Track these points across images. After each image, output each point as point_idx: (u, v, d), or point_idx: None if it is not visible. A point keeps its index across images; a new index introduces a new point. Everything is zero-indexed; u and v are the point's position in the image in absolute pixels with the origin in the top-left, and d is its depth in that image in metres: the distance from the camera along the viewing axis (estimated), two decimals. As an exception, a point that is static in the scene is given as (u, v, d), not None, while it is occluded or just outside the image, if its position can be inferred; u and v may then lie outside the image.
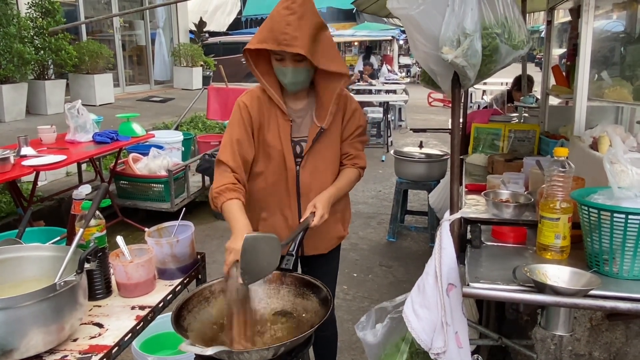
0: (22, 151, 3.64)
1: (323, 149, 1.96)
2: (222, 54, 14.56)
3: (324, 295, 1.64)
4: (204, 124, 7.96)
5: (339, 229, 2.13)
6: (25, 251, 1.55)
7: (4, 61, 6.45)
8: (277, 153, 1.93)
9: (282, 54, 1.79)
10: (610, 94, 2.48)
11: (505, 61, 1.61)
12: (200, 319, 1.60)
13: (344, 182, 2.00)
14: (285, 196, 1.98)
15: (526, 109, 4.12)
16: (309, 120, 1.96)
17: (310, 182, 1.96)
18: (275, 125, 1.92)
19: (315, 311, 1.63)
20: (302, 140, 1.96)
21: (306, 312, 1.66)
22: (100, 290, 1.61)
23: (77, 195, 1.69)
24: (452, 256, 1.77)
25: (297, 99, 1.96)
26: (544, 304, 1.41)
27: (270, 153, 1.94)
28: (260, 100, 1.93)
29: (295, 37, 1.71)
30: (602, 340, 1.88)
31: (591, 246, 1.52)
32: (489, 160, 2.86)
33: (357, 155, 2.06)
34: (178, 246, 1.77)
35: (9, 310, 1.23)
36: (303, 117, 1.96)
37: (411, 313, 1.86)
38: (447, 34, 1.42)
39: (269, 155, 1.94)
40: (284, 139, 1.92)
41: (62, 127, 4.47)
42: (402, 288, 3.53)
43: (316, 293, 1.68)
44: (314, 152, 1.95)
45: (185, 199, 4.99)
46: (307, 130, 1.96)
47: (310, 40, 1.74)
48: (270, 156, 1.94)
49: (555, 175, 1.58)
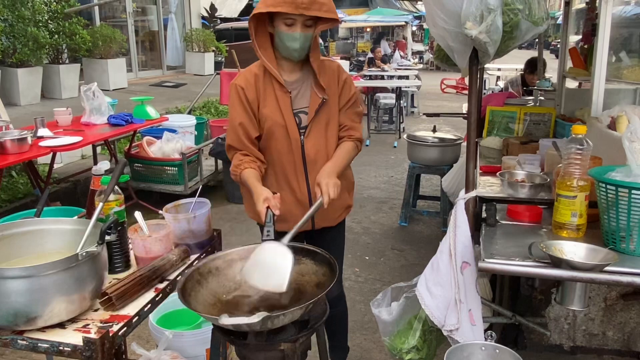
0: (39, 132, 3.69)
1: (324, 118, 1.98)
2: (233, 40, 14.50)
3: (320, 256, 1.62)
4: (216, 109, 7.98)
5: (346, 198, 2.14)
6: (46, 224, 1.58)
7: (20, 45, 6.49)
8: (279, 126, 1.94)
9: (295, 18, 1.79)
10: (629, 74, 2.45)
11: (524, 37, 1.60)
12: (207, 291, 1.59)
13: (343, 156, 2.00)
14: (291, 169, 2.00)
15: (542, 92, 4.07)
16: (306, 91, 1.97)
17: (315, 152, 1.98)
18: (274, 99, 1.94)
19: (314, 272, 1.61)
20: (301, 112, 1.98)
21: (303, 274, 1.63)
22: (120, 263, 1.64)
23: (96, 170, 1.72)
24: (466, 234, 1.78)
25: (293, 71, 1.97)
26: (561, 279, 1.42)
27: (272, 127, 1.95)
28: (256, 77, 1.94)
29: (315, 1, 1.75)
30: (616, 320, 1.88)
31: (608, 224, 1.52)
32: (504, 143, 2.84)
33: (352, 127, 2.05)
34: (195, 222, 1.79)
35: (32, 279, 1.26)
36: (299, 89, 1.98)
37: (425, 291, 1.88)
38: (470, 9, 1.41)
39: (271, 129, 1.96)
40: (286, 111, 1.94)
41: (76, 110, 4.51)
42: (414, 271, 3.54)
43: (308, 256, 1.65)
44: (317, 122, 1.97)
45: (199, 182, 5.02)
46: (305, 101, 1.97)
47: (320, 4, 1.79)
48: (273, 130, 1.96)
49: (573, 153, 1.57)
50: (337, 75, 2.00)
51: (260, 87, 1.94)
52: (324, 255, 1.61)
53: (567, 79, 3.45)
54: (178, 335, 2.20)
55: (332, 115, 2.00)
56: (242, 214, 5.00)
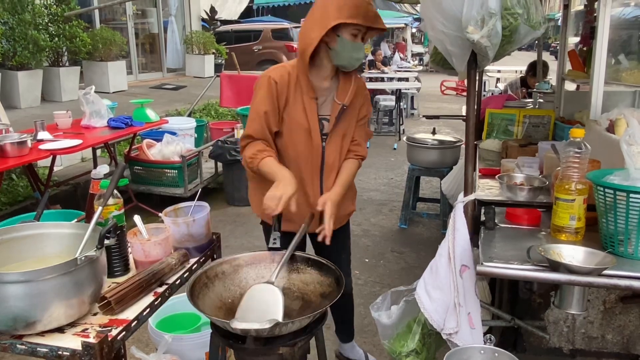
0: (38, 135, 3.69)
1: (343, 127, 2.05)
2: (233, 42, 14.55)
3: (327, 268, 1.63)
4: (216, 111, 7.99)
5: (349, 205, 2.24)
6: (46, 228, 1.58)
7: (20, 48, 6.50)
8: (302, 129, 1.98)
9: (361, 29, 1.88)
10: (628, 77, 2.45)
11: (523, 41, 1.61)
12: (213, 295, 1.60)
13: (349, 180, 2.08)
14: (308, 173, 2.04)
15: (541, 94, 4.08)
16: (329, 99, 2.03)
17: (333, 159, 2.04)
18: (301, 103, 1.97)
19: (319, 282, 1.63)
20: (324, 119, 2.02)
21: (307, 284, 1.65)
22: (119, 267, 1.64)
23: (95, 174, 1.72)
24: (465, 237, 1.78)
25: (324, 78, 2.01)
26: (559, 283, 1.42)
27: (294, 129, 1.98)
28: (290, 76, 1.97)
29: (377, 15, 1.89)
30: (615, 323, 1.88)
31: (606, 227, 1.52)
32: (503, 146, 2.84)
33: (360, 143, 2.14)
34: (194, 226, 1.79)
35: (31, 283, 1.26)
36: (326, 97, 2.03)
37: (424, 294, 1.88)
38: (472, 13, 1.41)
39: (293, 131, 1.99)
40: (311, 117, 1.97)
41: (76, 113, 4.51)
42: (414, 273, 3.54)
43: (312, 265, 1.66)
44: (337, 130, 2.03)
45: (199, 184, 5.03)
46: (328, 109, 2.02)
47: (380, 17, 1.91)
48: (295, 133, 1.99)
49: (572, 157, 1.57)
50: (363, 90, 2.09)
51: (291, 87, 1.97)
52: (331, 267, 1.62)
53: (566, 82, 3.46)
54: (177, 338, 2.20)
55: (350, 125, 2.07)
56: (242, 216, 5.01)
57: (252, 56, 14.67)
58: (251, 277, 1.66)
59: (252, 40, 15.08)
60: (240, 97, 6.74)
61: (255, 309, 1.47)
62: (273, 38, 14.85)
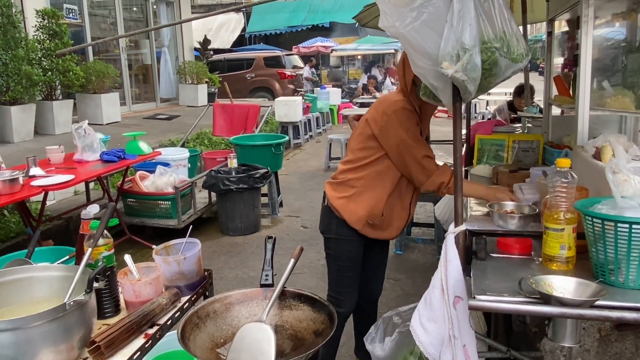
0: (30, 171, 3.69)
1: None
2: (226, 71, 14.72)
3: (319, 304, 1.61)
4: (209, 140, 8.03)
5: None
6: (35, 271, 1.57)
7: (13, 83, 6.55)
8: None
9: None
10: (613, 103, 2.48)
11: (505, 74, 1.63)
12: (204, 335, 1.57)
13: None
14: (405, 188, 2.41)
15: (529, 119, 4.13)
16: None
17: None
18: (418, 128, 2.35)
19: (312, 319, 1.61)
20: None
21: (300, 321, 1.62)
22: (109, 308, 1.63)
23: (85, 215, 1.72)
24: (458, 269, 1.77)
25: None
26: (550, 316, 1.41)
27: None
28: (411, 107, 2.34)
29: None
30: (611, 351, 1.87)
31: (596, 256, 1.52)
32: (494, 172, 2.87)
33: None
34: (185, 263, 1.78)
35: (19, 331, 1.25)
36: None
37: (419, 327, 1.86)
38: (447, 49, 1.44)
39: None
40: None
41: (70, 146, 4.52)
42: (410, 301, 3.48)
43: (305, 302, 1.65)
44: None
45: (192, 215, 5.02)
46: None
47: None
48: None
49: (559, 186, 1.59)
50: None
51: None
52: (324, 303, 1.61)
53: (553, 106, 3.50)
54: (170, 378, 2.16)
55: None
56: (236, 246, 4.98)
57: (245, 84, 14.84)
58: (243, 316, 1.65)
59: (245, 68, 15.27)
60: (232, 125, 6.78)
61: (246, 350, 1.45)
62: (265, 66, 15.05)
